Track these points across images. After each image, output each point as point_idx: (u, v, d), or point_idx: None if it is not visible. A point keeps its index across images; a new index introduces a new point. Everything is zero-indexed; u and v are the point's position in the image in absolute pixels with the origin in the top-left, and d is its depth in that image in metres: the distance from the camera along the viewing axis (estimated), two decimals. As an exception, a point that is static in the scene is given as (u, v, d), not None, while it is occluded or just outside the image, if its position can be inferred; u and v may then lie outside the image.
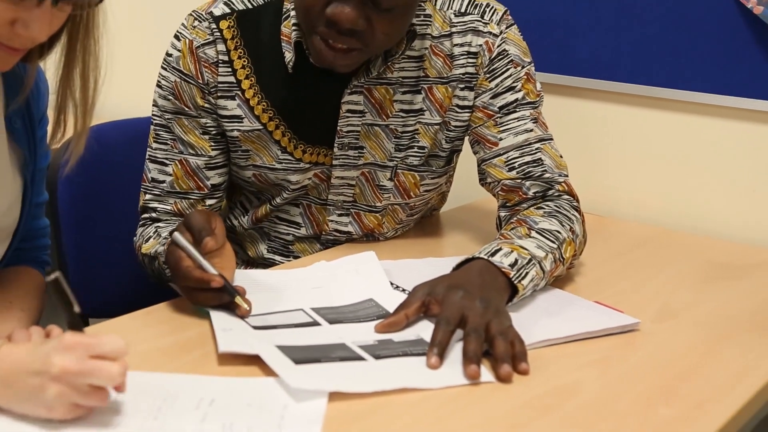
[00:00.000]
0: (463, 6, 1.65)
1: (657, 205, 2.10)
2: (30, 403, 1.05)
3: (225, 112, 1.60)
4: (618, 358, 1.32)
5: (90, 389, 1.04)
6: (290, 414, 1.11)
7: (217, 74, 1.59)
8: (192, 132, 1.61)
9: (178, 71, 1.59)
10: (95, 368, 1.03)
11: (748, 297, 1.61)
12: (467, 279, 1.39)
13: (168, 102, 1.61)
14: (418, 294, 1.37)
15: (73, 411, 1.05)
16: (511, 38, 1.66)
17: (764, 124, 1.95)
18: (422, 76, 1.63)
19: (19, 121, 1.40)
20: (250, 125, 1.61)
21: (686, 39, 1.99)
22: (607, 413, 1.16)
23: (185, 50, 1.59)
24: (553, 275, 1.52)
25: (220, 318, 1.36)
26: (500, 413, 1.15)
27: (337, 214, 1.70)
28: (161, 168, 1.63)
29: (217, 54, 1.59)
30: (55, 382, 1.03)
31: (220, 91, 1.60)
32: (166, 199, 1.63)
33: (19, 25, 1.16)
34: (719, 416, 1.16)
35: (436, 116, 1.65)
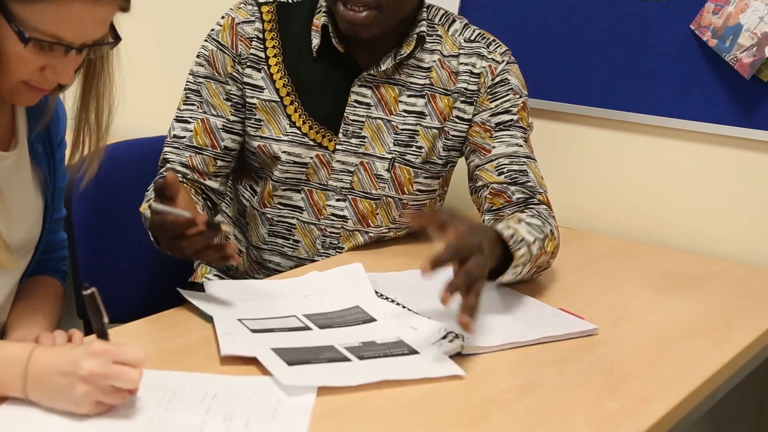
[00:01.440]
0: (473, 35, 1.83)
1: (624, 220, 2.17)
2: (59, 399, 1.15)
3: (250, 80, 1.77)
4: (575, 359, 1.43)
5: (112, 390, 1.14)
6: (283, 407, 1.22)
7: (249, 48, 1.77)
8: (217, 96, 1.78)
9: (216, 42, 1.78)
10: (118, 373, 1.14)
11: (698, 304, 1.70)
12: (483, 233, 1.48)
13: (202, 68, 1.78)
14: (446, 214, 1.44)
15: (96, 407, 1.15)
16: (514, 71, 1.83)
17: (719, 145, 2.03)
18: (428, 84, 1.79)
19: (40, 146, 1.50)
20: (269, 96, 1.78)
21: (650, 68, 2.07)
22: (561, 406, 1.28)
23: (226, 25, 1.78)
24: (536, 263, 1.62)
25: (222, 323, 1.45)
26: (467, 405, 1.27)
27: (335, 199, 1.81)
28: (184, 126, 1.78)
29: (254, 31, 1.77)
30: (83, 383, 1.13)
31: (250, 62, 1.77)
32: (183, 152, 1.77)
33: (48, 71, 1.29)
34: (659, 409, 1.27)
35: (435, 121, 1.80)
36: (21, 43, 1.24)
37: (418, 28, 1.79)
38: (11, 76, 1.29)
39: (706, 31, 1.95)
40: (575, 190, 2.22)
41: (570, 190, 2.22)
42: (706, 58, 2.00)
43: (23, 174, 1.45)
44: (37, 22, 1.23)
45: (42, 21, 1.23)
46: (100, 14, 1.27)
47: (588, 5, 2.11)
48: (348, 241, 1.84)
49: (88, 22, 1.26)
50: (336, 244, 1.83)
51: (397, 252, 1.85)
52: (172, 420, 1.17)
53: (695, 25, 1.97)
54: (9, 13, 1.22)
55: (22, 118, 1.45)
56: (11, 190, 1.41)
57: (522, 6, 2.19)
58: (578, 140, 2.21)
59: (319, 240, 1.83)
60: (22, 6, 1.22)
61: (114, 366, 1.14)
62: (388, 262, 1.78)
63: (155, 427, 1.15)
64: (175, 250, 1.50)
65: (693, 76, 2.03)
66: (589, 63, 2.15)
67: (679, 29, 2.01)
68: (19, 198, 1.44)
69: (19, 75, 1.29)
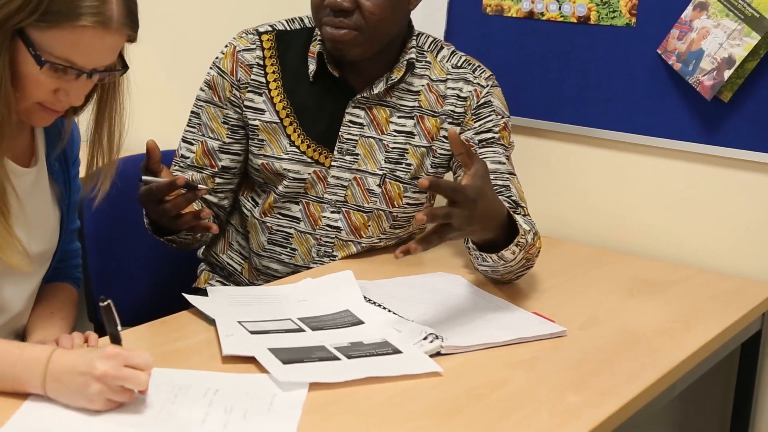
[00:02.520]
0: (460, 62, 1.92)
1: (597, 229, 2.22)
2: (75, 396, 1.25)
3: (251, 104, 1.87)
4: (543, 358, 1.52)
5: (122, 390, 1.24)
6: (278, 401, 1.32)
7: (250, 74, 1.86)
8: (215, 119, 1.88)
9: (218, 68, 1.88)
10: (128, 375, 1.24)
11: (661, 307, 1.78)
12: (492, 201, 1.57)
13: (204, 92, 1.89)
14: (479, 162, 1.53)
15: (107, 404, 1.25)
16: (497, 94, 1.92)
17: (684, 161, 2.09)
18: (417, 106, 1.89)
19: (57, 164, 1.58)
20: (270, 118, 1.87)
21: (621, 89, 2.12)
22: (527, 400, 1.38)
23: (228, 53, 1.88)
24: (527, 253, 1.71)
25: (224, 326, 1.53)
26: (444, 399, 1.37)
27: (330, 211, 1.90)
28: (188, 146, 1.89)
29: (255, 58, 1.86)
30: (96, 382, 1.23)
31: (251, 87, 1.87)
32: (187, 170, 1.88)
33: (61, 93, 1.38)
34: (615, 403, 1.38)
35: (424, 141, 1.89)
36: (37, 65, 1.33)
37: (408, 55, 1.88)
38: (27, 97, 1.38)
39: (671, 56, 2.02)
40: (553, 201, 2.27)
41: (548, 201, 2.27)
42: (672, 80, 2.05)
43: (42, 189, 1.54)
44: (53, 47, 1.33)
45: (57, 46, 1.33)
46: (109, 43, 1.36)
47: (564, 31, 2.16)
48: (341, 250, 1.92)
49: (98, 49, 1.36)
50: (330, 252, 1.92)
51: (385, 260, 1.94)
52: (179, 412, 1.27)
53: (662, 50, 2.04)
54: (27, 38, 1.32)
55: (40, 138, 1.54)
56: (31, 203, 1.50)
57: (503, 32, 2.23)
58: (555, 155, 2.26)
59: (315, 249, 1.91)
60: (39, 32, 1.32)
61: (125, 369, 1.24)
62: (377, 269, 1.86)
63: (164, 417, 1.25)
64: (161, 214, 1.63)
65: (660, 97, 2.08)
66: (565, 84, 2.20)
67: (647, 53, 2.07)
68: (39, 210, 1.53)
69: (35, 96, 1.38)
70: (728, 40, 1.94)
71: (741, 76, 1.96)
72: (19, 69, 1.35)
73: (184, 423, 1.25)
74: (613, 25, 2.10)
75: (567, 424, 1.32)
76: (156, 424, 1.24)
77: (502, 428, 1.30)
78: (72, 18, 1.32)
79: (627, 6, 2.07)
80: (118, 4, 1.35)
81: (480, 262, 1.75)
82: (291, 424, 1.26)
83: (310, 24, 1.92)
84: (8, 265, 1.42)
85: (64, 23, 1.32)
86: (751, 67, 1.95)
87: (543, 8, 2.17)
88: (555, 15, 2.16)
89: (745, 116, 2.01)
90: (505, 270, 1.74)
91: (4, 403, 1.26)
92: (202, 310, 1.61)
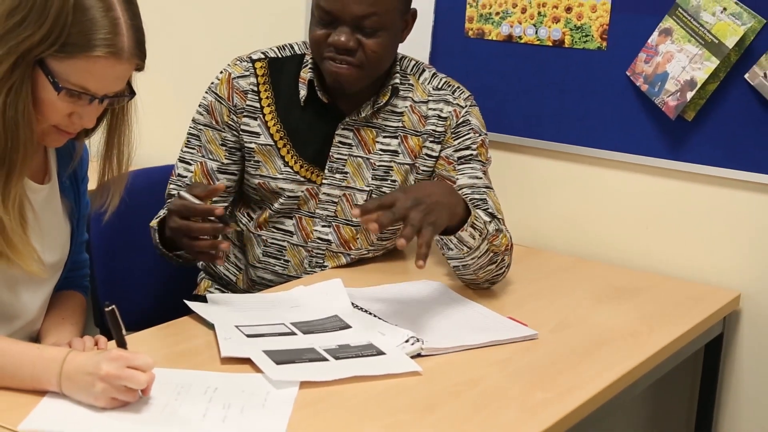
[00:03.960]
0: (440, 84, 1.99)
1: (572, 239, 2.28)
2: (83, 393, 1.33)
3: (247, 128, 1.93)
4: (516, 359, 1.60)
5: (125, 389, 1.32)
6: (271, 397, 1.39)
7: (245, 100, 1.93)
8: (214, 142, 1.94)
9: (215, 94, 1.94)
10: (130, 376, 1.32)
11: (628, 312, 1.86)
12: (427, 183, 1.69)
13: (202, 116, 1.94)
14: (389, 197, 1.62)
15: (111, 402, 1.33)
16: (474, 113, 1.99)
17: (652, 175, 2.16)
18: (401, 126, 1.96)
19: (68, 181, 1.66)
20: (264, 141, 1.94)
21: (594, 107, 2.19)
22: (499, 396, 1.47)
23: (224, 80, 1.94)
24: (491, 244, 1.78)
25: (222, 329, 1.59)
26: (423, 396, 1.45)
27: (321, 225, 1.97)
28: (186, 166, 1.94)
29: (249, 85, 1.93)
30: (101, 381, 1.31)
31: (246, 112, 1.93)
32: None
33: (75, 116, 1.47)
34: (579, 398, 1.47)
35: (407, 159, 1.96)
36: (55, 91, 1.42)
37: (392, 80, 1.95)
38: (44, 120, 1.47)
39: (639, 78, 2.10)
40: (529, 213, 2.33)
41: (525, 212, 2.32)
42: (640, 100, 2.12)
43: (54, 204, 1.62)
44: (69, 75, 1.42)
45: (73, 74, 1.42)
46: (120, 71, 1.45)
47: (540, 54, 2.23)
48: (332, 261, 1.99)
49: (110, 77, 1.45)
50: (321, 263, 1.99)
51: (372, 269, 2.01)
52: (182, 408, 1.35)
53: (630, 72, 2.12)
54: (46, 67, 1.41)
55: (53, 157, 1.63)
56: (45, 216, 1.58)
57: (484, 54, 2.30)
58: (532, 169, 2.32)
59: (307, 260, 1.98)
60: (57, 62, 1.41)
61: (127, 370, 1.32)
62: (364, 278, 1.94)
63: (167, 413, 1.33)
64: (183, 231, 1.67)
65: (629, 116, 2.15)
66: (542, 103, 2.26)
67: (617, 75, 2.14)
68: (51, 223, 1.61)
69: (51, 119, 1.47)
70: (690, 63, 2.03)
71: (703, 97, 2.04)
72: (37, 94, 1.44)
73: (187, 417, 1.33)
74: (585, 49, 2.18)
75: (534, 417, 1.41)
76: (161, 418, 1.32)
77: (474, 421, 1.39)
78: (87, 49, 1.40)
79: (598, 31, 2.15)
80: (129, 36, 1.43)
81: (446, 251, 1.81)
82: (282, 419, 1.34)
83: (299, 51, 1.98)
84: (26, 272, 1.50)
85: (80, 54, 1.40)
86: (712, 89, 2.03)
87: (521, 32, 2.25)
88: (532, 39, 2.24)
89: (707, 134, 2.08)
90: (474, 263, 1.80)
91: (23, 399, 1.35)
92: (202, 315, 1.66)
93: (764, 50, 1.97)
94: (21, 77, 1.41)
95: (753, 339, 2.14)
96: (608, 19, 2.14)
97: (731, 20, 1.98)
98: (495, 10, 2.27)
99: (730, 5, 1.99)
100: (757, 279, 2.10)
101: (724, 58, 2.00)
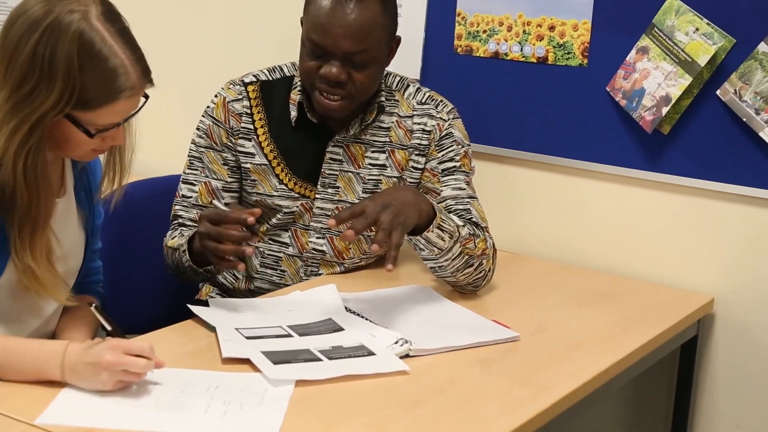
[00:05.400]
0: (424, 98, 2.05)
1: (554, 246, 2.33)
2: (89, 381, 1.43)
3: (243, 149, 1.99)
4: (498, 359, 1.67)
5: (127, 372, 1.42)
6: (269, 395, 1.47)
7: (240, 122, 1.98)
8: (216, 162, 1.99)
9: (212, 117, 2.00)
10: (129, 361, 1.42)
11: (606, 316, 1.92)
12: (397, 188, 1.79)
13: (202, 139, 2.00)
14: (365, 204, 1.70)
15: (117, 385, 1.42)
16: (457, 126, 2.04)
17: (630, 185, 2.21)
18: (388, 141, 2.02)
19: (83, 192, 1.73)
20: (259, 161, 1.99)
21: (575, 121, 2.24)
22: (480, 394, 1.54)
23: (219, 103, 2.00)
24: (465, 246, 1.84)
25: (223, 332, 1.65)
26: (409, 393, 1.52)
27: (315, 237, 2.02)
28: (190, 187, 1.99)
29: (243, 108, 1.98)
30: (104, 369, 1.41)
31: (242, 134, 1.98)
32: (191, 210, 1.97)
33: (108, 140, 1.56)
34: (555, 396, 1.54)
35: (395, 172, 2.02)
36: (87, 136, 1.51)
37: (378, 98, 2.00)
38: (82, 150, 1.56)
39: (618, 93, 2.17)
40: (514, 221, 2.37)
41: (509, 220, 2.37)
42: (619, 115, 2.17)
43: (71, 215, 1.69)
44: (96, 121, 1.50)
45: (99, 119, 1.50)
46: (137, 99, 1.54)
47: (525, 70, 2.28)
48: (326, 269, 2.05)
49: (130, 108, 1.54)
50: (316, 272, 2.04)
51: (364, 275, 2.07)
52: (185, 404, 1.43)
53: (610, 88, 2.18)
54: (74, 119, 1.49)
55: (69, 171, 1.70)
56: (62, 226, 1.64)
57: (472, 70, 2.35)
58: (516, 179, 2.36)
59: (302, 269, 2.04)
60: (82, 113, 1.49)
61: (126, 356, 1.42)
62: (357, 283, 2.00)
63: (173, 408, 1.41)
64: (213, 236, 1.72)
65: (609, 129, 2.20)
66: (526, 116, 2.31)
67: (598, 91, 2.19)
68: (68, 232, 1.67)
69: (86, 149, 1.56)
70: (666, 80, 2.10)
71: (678, 112, 2.11)
72: (71, 137, 1.51)
73: (191, 412, 1.40)
74: (567, 66, 2.24)
75: (512, 413, 1.49)
76: (167, 414, 1.40)
77: (456, 417, 1.47)
78: (106, 101, 1.48)
79: (580, 49, 2.23)
80: (136, 71, 1.50)
81: (419, 252, 1.88)
82: (279, 414, 1.42)
83: (288, 73, 2.03)
84: (54, 301, 1.60)
85: (100, 106, 1.48)
86: (686, 104, 2.10)
87: (507, 49, 2.32)
88: (517, 55, 2.31)
89: (681, 147, 2.14)
90: (450, 265, 1.85)
91: (40, 395, 1.43)
92: (205, 318, 1.72)
93: (734, 68, 2.04)
94: (38, 140, 1.47)
95: (726, 340, 2.20)
96: (589, 38, 2.21)
97: (703, 40, 2.06)
98: (482, 28, 2.34)
99: (702, 26, 2.07)
100: (730, 284, 2.17)
101: (697, 75, 2.07)
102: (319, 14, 1.88)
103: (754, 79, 2.02)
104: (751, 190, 2.10)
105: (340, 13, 1.86)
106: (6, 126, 1.46)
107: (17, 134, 1.46)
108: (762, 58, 2.01)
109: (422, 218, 1.80)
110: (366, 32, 1.87)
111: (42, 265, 1.54)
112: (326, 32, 1.87)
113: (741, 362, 2.20)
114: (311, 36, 1.90)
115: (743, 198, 2.12)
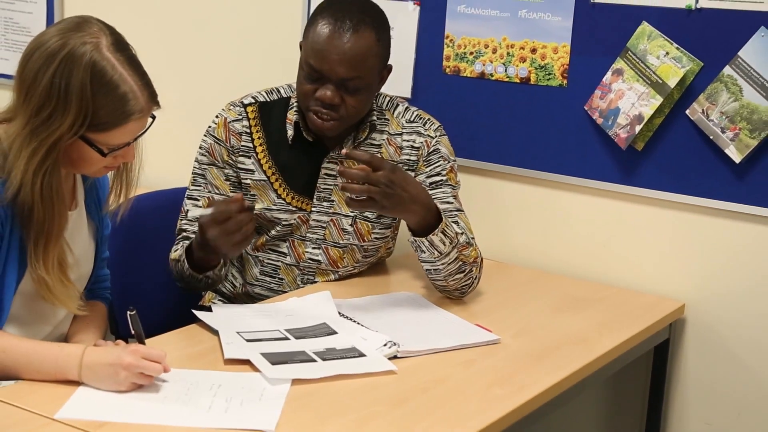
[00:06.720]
0: (412, 117, 2.13)
1: (537, 254, 2.39)
2: (106, 381, 1.51)
3: (243, 166, 2.06)
4: (479, 360, 1.75)
5: (143, 375, 1.51)
6: (267, 392, 1.55)
7: (240, 140, 2.06)
8: (218, 178, 2.07)
9: (213, 137, 2.07)
10: (146, 365, 1.51)
11: (584, 320, 2.00)
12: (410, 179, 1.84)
13: (204, 158, 2.07)
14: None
15: (130, 386, 1.51)
16: (444, 143, 2.12)
17: (607, 198, 2.29)
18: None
19: (93, 204, 1.81)
20: (258, 177, 2.07)
21: (555, 137, 2.32)
22: (461, 392, 1.62)
23: (220, 123, 2.06)
24: (461, 253, 1.90)
25: (225, 335, 1.71)
26: (396, 391, 1.60)
27: (311, 247, 2.10)
28: (195, 203, 2.06)
29: (242, 127, 2.06)
30: (124, 370, 1.50)
31: (242, 152, 2.05)
32: (195, 224, 1.98)
33: (119, 157, 1.64)
34: (531, 393, 1.63)
35: None
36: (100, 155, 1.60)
37: (370, 117, 2.09)
38: (95, 167, 1.65)
39: (595, 112, 2.25)
40: (498, 230, 2.44)
41: (494, 230, 2.43)
42: (596, 132, 2.25)
43: (82, 226, 1.78)
44: (109, 141, 1.59)
45: (111, 140, 1.59)
46: (146, 120, 1.63)
47: (509, 89, 2.36)
48: (322, 277, 2.12)
49: (139, 129, 1.63)
50: (312, 279, 2.12)
51: (357, 283, 2.14)
52: (191, 401, 1.51)
53: (588, 107, 2.26)
54: (87, 140, 1.58)
55: (80, 185, 1.78)
56: (73, 236, 1.73)
57: (460, 89, 2.43)
58: (501, 191, 2.43)
59: (299, 278, 2.11)
60: (95, 135, 1.58)
61: (144, 360, 1.51)
62: (350, 290, 2.07)
63: (179, 405, 1.50)
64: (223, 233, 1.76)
65: (587, 145, 2.28)
66: (510, 132, 2.38)
67: (576, 109, 2.27)
68: (79, 242, 1.76)
69: (99, 166, 1.65)
70: (639, 100, 2.19)
71: (650, 130, 2.20)
72: (85, 156, 1.60)
73: (196, 408, 1.49)
74: (548, 86, 2.32)
75: (490, 409, 1.57)
76: (174, 410, 1.49)
77: (439, 412, 1.56)
78: (118, 124, 1.57)
79: (560, 70, 2.31)
80: (144, 95, 1.59)
81: (419, 254, 1.95)
82: (276, 410, 1.50)
83: (285, 94, 2.11)
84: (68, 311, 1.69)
85: (112, 128, 1.57)
86: (659, 123, 2.19)
87: (492, 70, 2.40)
88: (502, 76, 2.39)
89: (654, 162, 2.22)
90: (444, 269, 1.92)
91: (58, 391, 1.51)
92: (208, 323, 1.78)
93: (702, 89, 2.14)
94: (54, 160, 1.57)
95: (696, 343, 2.28)
96: (568, 60, 2.30)
97: (673, 63, 2.16)
98: (469, 50, 2.43)
99: (671, 50, 2.17)
100: (700, 290, 2.24)
101: (668, 96, 2.16)
102: (317, 41, 1.96)
103: (720, 99, 2.12)
104: (719, 203, 2.18)
105: (337, 41, 1.95)
106: (25, 149, 1.55)
107: (35, 156, 1.55)
108: (727, 80, 2.11)
109: (421, 223, 1.86)
110: (360, 60, 1.96)
111: (54, 276, 1.62)
112: (323, 58, 1.95)
113: (710, 363, 2.27)
114: (309, 60, 1.98)
115: (712, 210, 2.19)
